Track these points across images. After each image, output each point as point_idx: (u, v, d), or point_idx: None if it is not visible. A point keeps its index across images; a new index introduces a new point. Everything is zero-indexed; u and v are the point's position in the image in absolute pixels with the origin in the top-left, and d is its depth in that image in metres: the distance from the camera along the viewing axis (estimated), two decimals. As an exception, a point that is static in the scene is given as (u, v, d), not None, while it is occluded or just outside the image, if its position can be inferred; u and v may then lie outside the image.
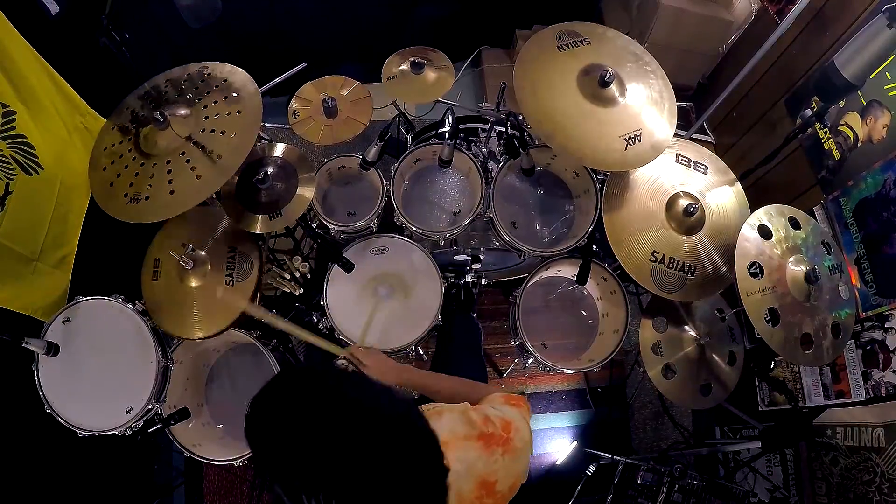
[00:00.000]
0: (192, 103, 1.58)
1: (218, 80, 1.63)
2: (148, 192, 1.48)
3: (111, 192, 1.52)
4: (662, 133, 1.65)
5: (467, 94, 3.23)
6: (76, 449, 1.72)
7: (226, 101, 1.58)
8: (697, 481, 2.03)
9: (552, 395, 2.81)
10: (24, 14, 1.63)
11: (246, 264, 1.73)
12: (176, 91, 1.62)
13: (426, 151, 2.00)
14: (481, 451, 0.93)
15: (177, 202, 1.47)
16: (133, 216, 1.47)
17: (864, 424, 1.99)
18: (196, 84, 1.63)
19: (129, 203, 1.48)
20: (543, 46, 1.66)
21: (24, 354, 1.66)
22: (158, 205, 1.47)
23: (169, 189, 1.47)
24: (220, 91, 1.60)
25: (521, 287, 2.01)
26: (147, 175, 1.50)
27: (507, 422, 0.98)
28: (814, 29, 2.28)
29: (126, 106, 1.65)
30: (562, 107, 1.61)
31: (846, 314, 1.74)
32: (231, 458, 1.82)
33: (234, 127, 1.53)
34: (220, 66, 1.67)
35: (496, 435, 0.95)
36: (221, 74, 1.65)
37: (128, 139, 1.57)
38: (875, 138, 2.02)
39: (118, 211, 1.49)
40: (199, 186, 1.47)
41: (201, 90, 1.61)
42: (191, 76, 1.65)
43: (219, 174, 1.48)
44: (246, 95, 1.59)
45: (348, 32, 2.91)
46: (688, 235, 1.77)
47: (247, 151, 1.50)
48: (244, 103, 1.57)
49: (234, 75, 1.64)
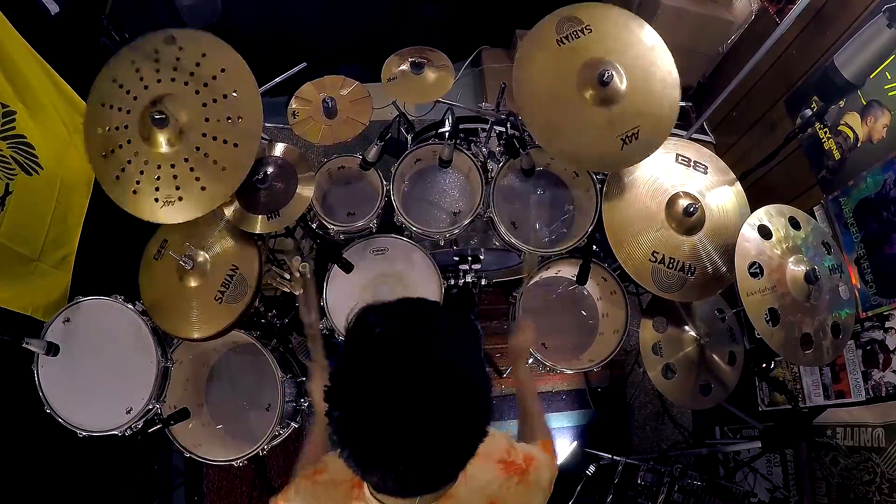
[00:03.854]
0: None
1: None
2: (179, 193, 1.49)
3: (125, 188, 1.50)
4: (661, 126, 1.65)
5: (467, 94, 3.22)
6: (76, 449, 1.72)
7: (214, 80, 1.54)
8: (697, 481, 2.04)
9: (552, 395, 2.81)
10: (23, 14, 1.63)
11: (241, 288, 1.71)
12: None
13: (426, 151, 2.00)
14: (499, 473, 0.94)
15: (209, 197, 1.49)
16: (172, 217, 1.49)
17: (864, 424, 1.99)
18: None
19: (164, 206, 1.49)
20: (542, 44, 1.63)
21: (24, 354, 1.66)
22: (194, 202, 1.49)
23: (199, 186, 1.49)
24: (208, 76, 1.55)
25: (521, 287, 2.01)
26: (168, 174, 1.49)
27: (530, 457, 1.00)
28: (814, 29, 2.28)
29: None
30: (561, 112, 1.61)
31: (846, 314, 1.74)
32: (231, 458, 1.82)
33: (237, 112, 1.52)
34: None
35: (516, 464, 0.97)
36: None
37: (125, 127, 1.52)
38: (875, 138, 2.02)
39: (152, 214, 1.50)
40: (226, 176, 1.49)
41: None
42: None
43: (244, 156, 1.50)
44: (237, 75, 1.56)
45: (348, 32, 2.91)
46: (688, 235, 1.77)
47: (258, 129, 1.51)
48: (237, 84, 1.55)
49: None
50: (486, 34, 3.24)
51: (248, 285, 1.71)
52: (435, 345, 0.70)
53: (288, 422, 2.01)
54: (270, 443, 1.88)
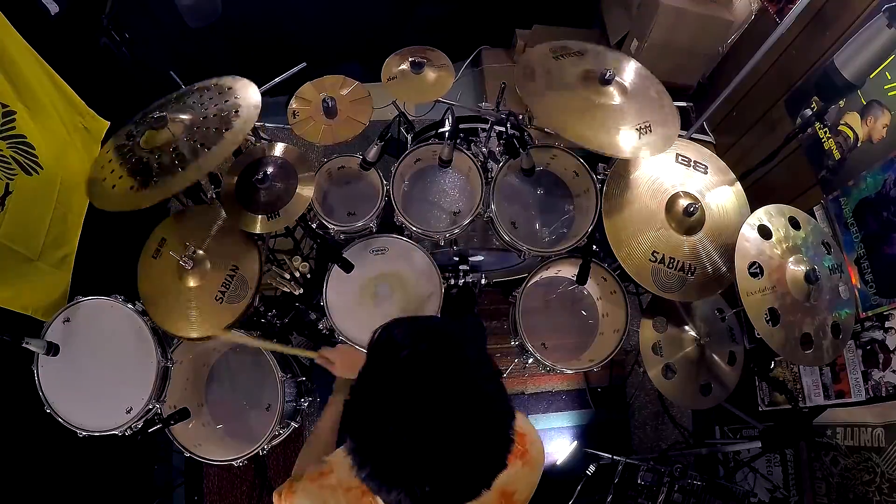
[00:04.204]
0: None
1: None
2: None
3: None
4: (670, 125, 1.68)
5: (467, 94, 3.22)
6: (76, 449, 1.72)
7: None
8: (697, 481, 2.03)
9: (552, 395, 2.81)
10: (24, 14, 1.63)
11: (241, 289, 1.70)
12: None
13: (426, 151, 2.00)
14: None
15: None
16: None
17: (864, 424, 1.99)
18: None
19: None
20: (540, 58, 1.71)
21: (24, 354, 1.66)
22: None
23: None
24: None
25: (521, 287, 2.01)
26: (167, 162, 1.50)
27: (521, 434, 0.99)
28: (814, 29, 2.28)
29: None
30: (572, 103, 1.63)
31: (846, 314, 1.74)
32: (231, 458, 1.82)
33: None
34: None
35: (514, 448, 0.96)
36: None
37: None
38: (875, 138, 2.02)
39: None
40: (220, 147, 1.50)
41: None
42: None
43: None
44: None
45: (348, 32, 2.91)
46: (688, 235, 1.77)
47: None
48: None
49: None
50: (486, 34, 3.24)
51: (249, 285, 1.71)
52: (462, 371, 0.74)
53: (288, 422, 2.01)
54: (270, 443, 1.88)
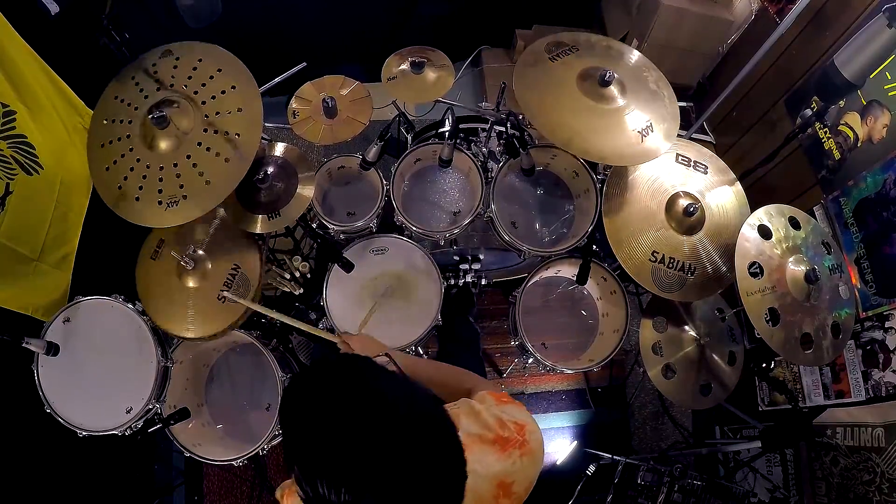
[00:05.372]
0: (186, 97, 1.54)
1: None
2: (182, 191, 1.46)
3: (125, 195, 1.48)
4: (671, 120, 1.67)
5: (467, 94, 3.23)
6: (76, 449, 1.72)
7: (212, 79, 1.54)
8: (697, 481, 2.04)
9: (552, 395, 2.81)
10: (23, 14, 1.63)
11: (242, 287, 1.70)
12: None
13: (426, 151, 2.00)
14: (498, 454, 0.94)
15: (216, 190, 1.47)
16: (179, 218, 1.47)
17: (864, 424, 1.99)
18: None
19: (169, 208, 1.46)
20: (536, 62, 1.68)
21: (24, 354, 1.66)
22: (201, 199, 1.46)
23: (204, 180, 1.46)
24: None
25: (521, 287, 2.01)
26: (171, 175, 1.47)
27: (520, 425, 0.99)
28: (814, 29, 2.28)
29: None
30: (572, 113, 1.61)
31: (846, 314, 1.74)
32: (231, 458, 1.82)
33: (237, 104, 1.51)
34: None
35: (512, 439, 0.96)
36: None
37: (127, 136, 1.52)
38: (875, 138, 2.02)
39: (159, 220, 1.47)
40: (230, 168, 1.47)
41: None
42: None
43: (246, 148, 1.49)
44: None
45: (348, 32, 2.91)
46: (688, 235, 1.77)
47: (260, 120, 1.51)
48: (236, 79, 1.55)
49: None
50: (486, 34, 3.24)
51: (251, 285, 1.71)
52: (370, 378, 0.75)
53: (288, 422, 2.00)
54: (270, 443, 1.87)
